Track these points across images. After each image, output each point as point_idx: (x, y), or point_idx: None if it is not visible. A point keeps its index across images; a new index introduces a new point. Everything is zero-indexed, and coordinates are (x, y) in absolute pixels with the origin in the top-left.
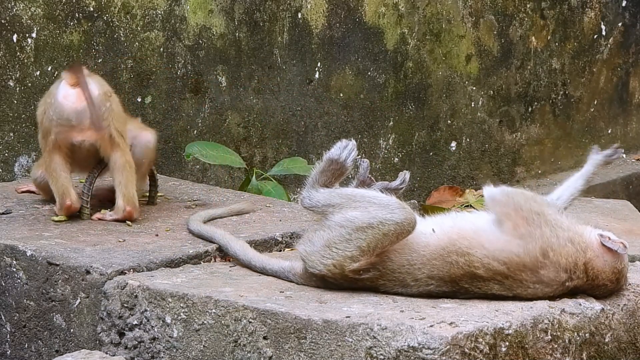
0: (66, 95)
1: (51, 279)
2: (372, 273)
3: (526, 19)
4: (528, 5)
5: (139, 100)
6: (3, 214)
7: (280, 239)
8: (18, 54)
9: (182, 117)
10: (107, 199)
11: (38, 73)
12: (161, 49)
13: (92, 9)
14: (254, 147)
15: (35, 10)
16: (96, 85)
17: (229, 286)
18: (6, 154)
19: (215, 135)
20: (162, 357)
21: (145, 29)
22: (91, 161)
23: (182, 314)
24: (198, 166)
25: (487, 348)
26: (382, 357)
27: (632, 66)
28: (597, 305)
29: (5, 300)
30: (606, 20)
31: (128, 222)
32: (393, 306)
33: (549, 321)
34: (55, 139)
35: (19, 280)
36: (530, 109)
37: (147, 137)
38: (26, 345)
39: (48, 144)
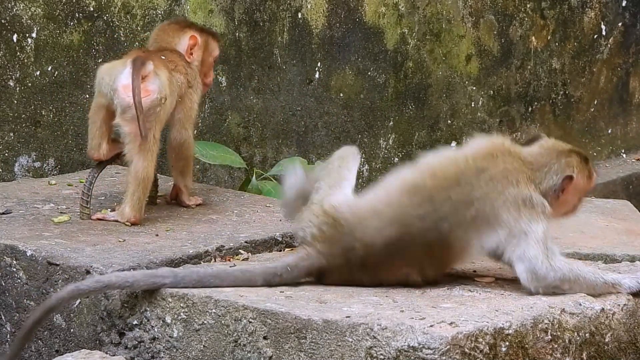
0: (126, 87)
1: (51, 278)
2: None
3: (526, 19)
4: (528, 5)
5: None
6: (3, 214)
7: (280, 239)
8: (18, 53)
9: None
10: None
11: (38, 73)
12: None
13: (92, 9)
14: (254, 147)
15: (35, 10)
16: (157, 87)
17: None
18: (6, 154)
19: (215, 135)
20: (162, 357)
21: (146, 29)
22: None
23: (182, 313)
24: (198, 166)
25: (487, 348)
26: (382, 357)
27: (632, 66)
28: (597, 305)
29: (5, 300)
30: (606, 20)
31: (127, 222)
32: (393, 306)
33: (549, 321)
34: (102, 104)
35: (19, 280)
36: (530, 109)
37: None
38: (26, 345)
39: (95, 100)
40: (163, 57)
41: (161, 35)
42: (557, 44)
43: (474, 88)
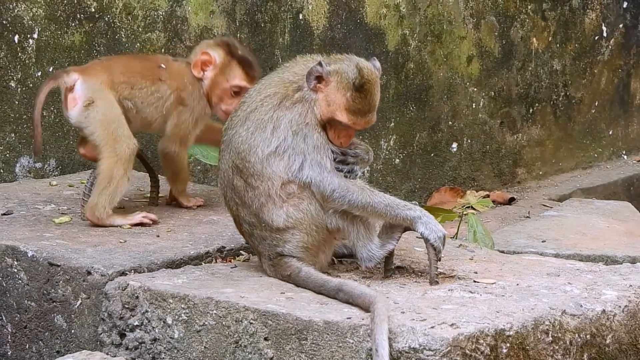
0: (69, 99)
1: (52, 279)
2: None
3: (527, 20)
4: (529, 7)
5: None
6: (4, 214)
7: None
8: (19, 54)
9: None
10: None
11: (39, 74)
12: (162, 50)
13: (93, 10)
14: None
15: (36, 11)
16: (82, 93)
17: (230, 287)
18: (7, 155)
19: None
20: (163, 358)
21: (147, 30)
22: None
23: (183, 314)
24: (199, 167)
25: (488, 349)
26: None
27: (633, 67)
28: (598, 307)
29: (7, 301)
30: (607, 22)
31: (122, 225)
32: (394, 307)
33: (550, 322)
34: None
35: (20, 281)
36: (531, 110)
37: None
38: (27, 346)
39: None
40: (162, 66)
41: (196, 47)
42: (558, 45)
43: (475, 89)
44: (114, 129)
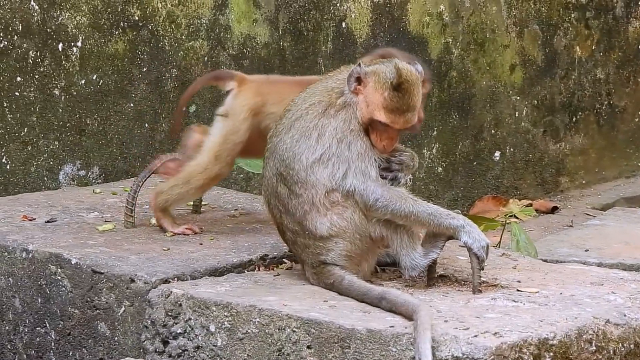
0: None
1: (96, 287)
2: None
3: (570, 29)
4: (572, 15)
5: (184, 109)
6: (48, 222)
7: None
8: (63, 62)
9: None
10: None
11: (83, 82)
12: (205, 58)
13: (137, 18)
14: None
15: (80, 20)
16: (227, 102)
17: (272, 295)
18: (51, 162)
19: None
20: None
21: (190, 38)
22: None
23: (226, 322)
24: (242, 175)
25: (532, 358)
26: None
27: None
28: None
29: (50, 308)
30: None
31: (166, 232)
32: (437, 316)
33: (594, 332)
34: None
35: (64, 288)
36: (574, 119)
37: None
38: (70, 353)
39: None
40: None
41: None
42: (601, 53)
43: (518, 98)
44: (222, 150)
